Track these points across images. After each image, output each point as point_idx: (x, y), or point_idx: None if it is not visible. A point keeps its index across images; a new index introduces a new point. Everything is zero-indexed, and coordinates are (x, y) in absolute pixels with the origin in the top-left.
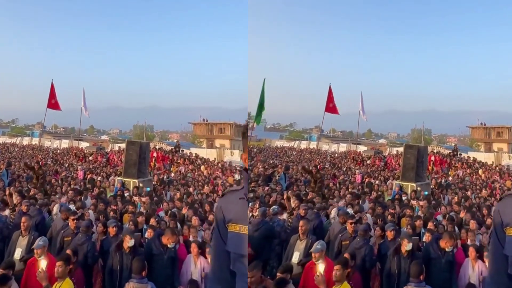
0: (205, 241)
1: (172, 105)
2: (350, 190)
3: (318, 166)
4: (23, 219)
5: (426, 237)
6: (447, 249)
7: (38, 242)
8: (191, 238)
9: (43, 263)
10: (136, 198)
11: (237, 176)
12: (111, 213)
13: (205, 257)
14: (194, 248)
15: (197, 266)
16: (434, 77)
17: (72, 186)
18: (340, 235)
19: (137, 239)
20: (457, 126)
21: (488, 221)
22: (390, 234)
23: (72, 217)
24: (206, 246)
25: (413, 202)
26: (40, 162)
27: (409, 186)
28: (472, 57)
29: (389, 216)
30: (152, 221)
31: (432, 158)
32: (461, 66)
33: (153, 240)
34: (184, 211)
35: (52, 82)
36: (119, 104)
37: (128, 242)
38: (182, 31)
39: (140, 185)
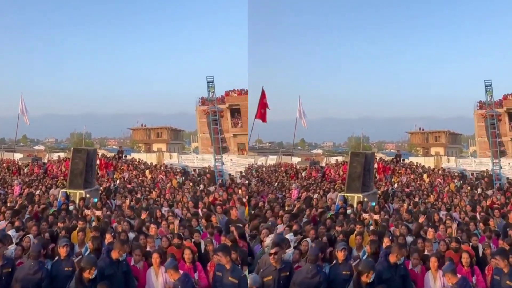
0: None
1: (110, 112)
2: (286, 208)
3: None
4: None
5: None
6: (398, 262)
7: None
8: (148, 248)
9: None
10: (88, 212)
11: (178, 178)
12: (62, 232)
13: None
14: (156, 258)
15: (159, 278)
16: (371, 83)
17: (8, 205)
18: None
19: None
20: (395, 132)
21: (442, 227)
22: (340, 255)
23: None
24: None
25: (366, 215)
26: None
27: (355, 198)
28: (409, 64)
29: (341, 236)
30: (109, 237)
31: (375, 165)
32: (399, 73)
33: (103, 260)
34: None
35: None
36: (54, 111)
37: (92, 274)
38: (118, 37)
39: (87, 196)
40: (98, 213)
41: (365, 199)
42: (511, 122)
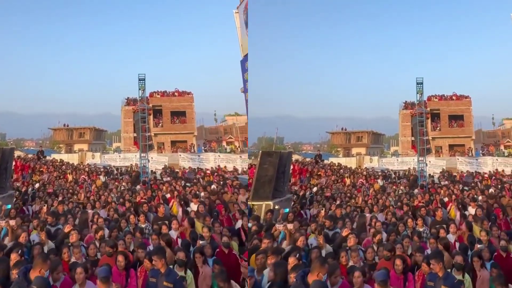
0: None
1: (29, 112)
2: None
3: None
4: None
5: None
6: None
7: None
8: (73, 259)
9: None
10: (2, 223)
11: (102, 178)
12: None
13: (94, 283)
14: (79, 274)
15: None
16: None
17: None
18: None
19: None
20: (313, 133)
21: (372, 231)
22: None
23: None
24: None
25: (278, 226)
26: None
27: (263, 206)
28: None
29: None
30: (14, 258)
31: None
32: (323, 72)
33: (18, 284)
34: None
35: None
36: None
37: None
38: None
39: None
40: (12, 222)
41: (277, 207)
42: (433, 123)
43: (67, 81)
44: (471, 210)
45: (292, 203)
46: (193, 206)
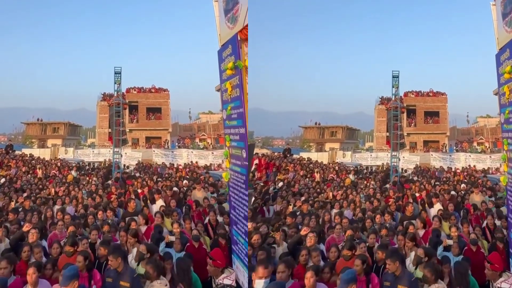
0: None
1: (1, 105)
2: None
3: None
4: None
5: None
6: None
7: None
8: (33, 259)
9: None
10: None
11: (74, 173)
12: None
13: (49, 281)
14: (31, 275)
15: None
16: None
17: None
18: None
19: None
20: (285, 128)
21: (338, 228)
22: None
23: None
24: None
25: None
26: None
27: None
28: (307, 57)
29: None
30: None
31: (256, 161)
32: (299, 67)
33: None
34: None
35: None
36: None
37: None
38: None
39: None
40: None
41: None
42: (408, 118)
43: (43, 75)
44: (437, 206)
45: (253, 198)
46: (158, 202)
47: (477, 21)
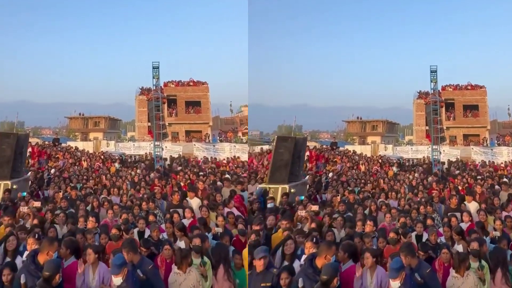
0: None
1: (45, 100)
2: None
3: None
4: None
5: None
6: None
7: None
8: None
9: None
10: (24, 208)
11: (116, 165)
12: None
13: (107, 265)
14: (90, 254)
15: (95, 276)
16: (307, 70)
17: None
18: None
19: None
20: (330, 122)
21: (388, 217)
22: (259, 265)
23: None
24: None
25: (301, 213)
26: None
27: (280, 189)
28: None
29: (252, 236)
30: (32, 242)
31: (307, 153)
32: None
33: (26, 267)
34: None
35: None
36: None
37: (59, 279)
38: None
39: (14, 187)
40: (37, 203)
41: (293, 190)
42: (447, 112)
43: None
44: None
45: (308, 187)
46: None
47: None
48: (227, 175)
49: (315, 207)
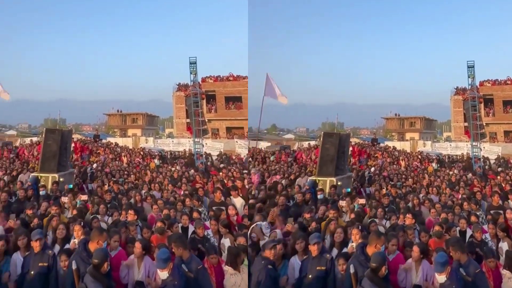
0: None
1: (85, 98)
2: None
3: None
4: None
5: (350, 248)
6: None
7: None
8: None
9: None
10: (66, 200)
11: (156, 161)
12: (35, 220)
13: (152, 259)
14: (137, 247)
15: (141, 269)
16: (345, 70)
17: None
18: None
19: None
20: (370, 119)
21: (433, 212)
22: (314, 249)
23: None
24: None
25: (342, 203)
26: None
27: (328, 182)
28: (385, 52)
29: (313, 224)
30: (78, 229)
31: (350, 149)
32: (375, 60)
33: (79, 254)
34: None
35: None
36: (26, 97)
37: (107, 267)
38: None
39: (61, 180)
40: (84, 197)
41: (339, 183)
42: (486, 108)
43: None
44: None
45: (352, 180)
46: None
47: None
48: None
49: (362, 200)
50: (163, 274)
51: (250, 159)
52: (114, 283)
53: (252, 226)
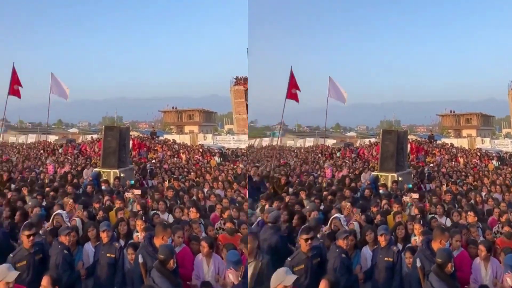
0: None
1: (140, 96)
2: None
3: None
4: None
5: (413, 242)
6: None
7: None
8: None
9: None
10: (129, 194)
11: (217, 159)
12: (100, 213)
13: (221, 257)
14: (204, 246)
15: (210, 267)
16: (401, 69)
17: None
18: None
19: None
20: (425, 116)
21: (497, 211)
22: (382, 240)
23: (27, 233)
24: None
25: (406, 198)
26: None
27: (389, 177)
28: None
29: (378, 217)
30: (140, 224)
31: (408, 145)
32: (429, 59)
33: (145, 248)
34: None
35: (13, 66)
36: (86, 97)
37: (174, 264)
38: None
39: (122, 175)
40: (137, 191)
41: (400, 179)
42: None
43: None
44: None
45: (413, 176)
46: None
47: None
48: None
49: (415, 195)
50: (235, 277)
51: (320, 154)
52: (180, 281)
53: (332, 218)
